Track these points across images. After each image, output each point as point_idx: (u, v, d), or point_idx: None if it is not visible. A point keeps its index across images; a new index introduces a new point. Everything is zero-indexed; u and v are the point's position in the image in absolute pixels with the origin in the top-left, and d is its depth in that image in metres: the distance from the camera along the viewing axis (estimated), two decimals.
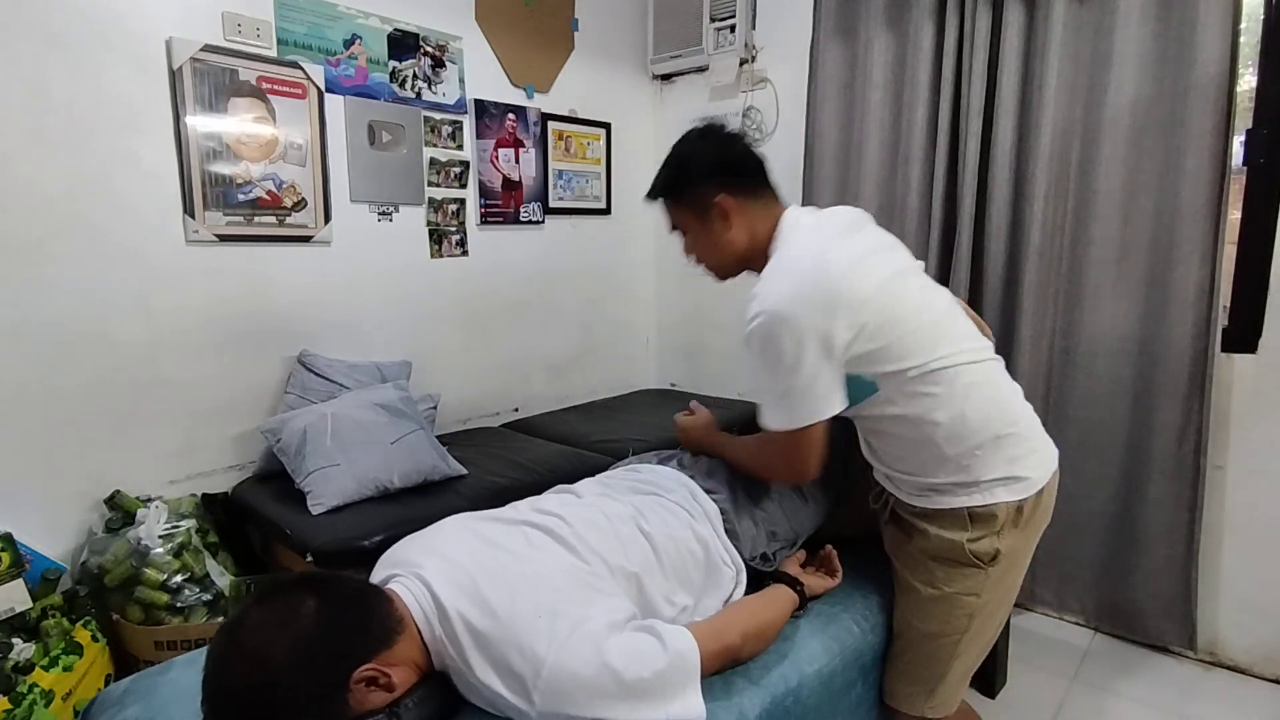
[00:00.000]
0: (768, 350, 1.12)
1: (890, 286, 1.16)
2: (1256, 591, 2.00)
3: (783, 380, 1.13)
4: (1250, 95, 1.92)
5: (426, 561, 1.03)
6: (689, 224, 1.34)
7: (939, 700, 1.26)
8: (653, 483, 1.34)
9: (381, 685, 0.89)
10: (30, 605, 1.60)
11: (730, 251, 1.30)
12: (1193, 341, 1.95)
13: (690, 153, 1.33)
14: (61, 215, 1.76)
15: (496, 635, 0.92)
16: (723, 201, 1.26)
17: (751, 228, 1.28)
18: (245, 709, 0.84)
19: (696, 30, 2.94)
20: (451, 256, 2.60)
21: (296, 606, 0.88)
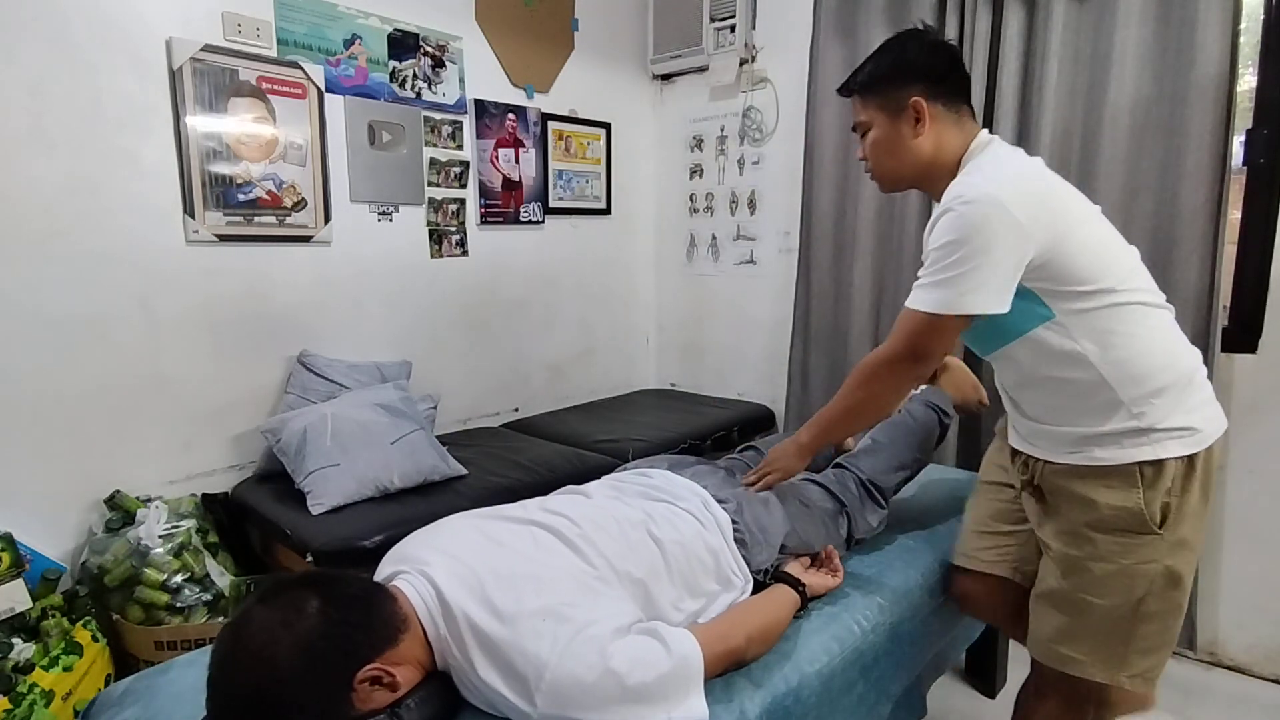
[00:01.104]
0: (960, 229, 1.09)
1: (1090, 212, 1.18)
2: (1256, 591, 2.00)
3: (962, 261, 1.08)
4: (1250, 95, 1.92)
5: (433, 559, 1.03)
6: (877, 122, 1.28)
7: (1136, 669, 1.16)
8: (665, 490, 1.35)
9: (386, 684, 0.89)
10: (30, 605, 1.60)
11: (910, 159, 1.26)
12: (1193, 341, 1.93)
13: (898, 50, 1.27)
14: (61, 215, 1.76)
15: (501, 637, 0.92)
16: (918, 104, 1.22)
17: (940, 140, 1.24)
18: (250, 710, 0.83)
19: (696, 30, 2.94)
20: (451, 256, 2.60)
21: (301, 605, 0.88)
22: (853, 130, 1.36)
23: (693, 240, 3.24)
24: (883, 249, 2.55)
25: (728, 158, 3.06)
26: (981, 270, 1.08)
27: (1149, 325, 1.15)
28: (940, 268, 1.12)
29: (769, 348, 2.99)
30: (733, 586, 1.24)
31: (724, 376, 3.20)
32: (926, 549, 1.52)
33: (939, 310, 1.12)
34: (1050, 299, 1.12)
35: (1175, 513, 1.11)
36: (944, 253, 1.11)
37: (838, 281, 2.66)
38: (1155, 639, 1.16)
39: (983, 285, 1.09)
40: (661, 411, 2.90)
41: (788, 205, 2.83)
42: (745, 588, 1.25)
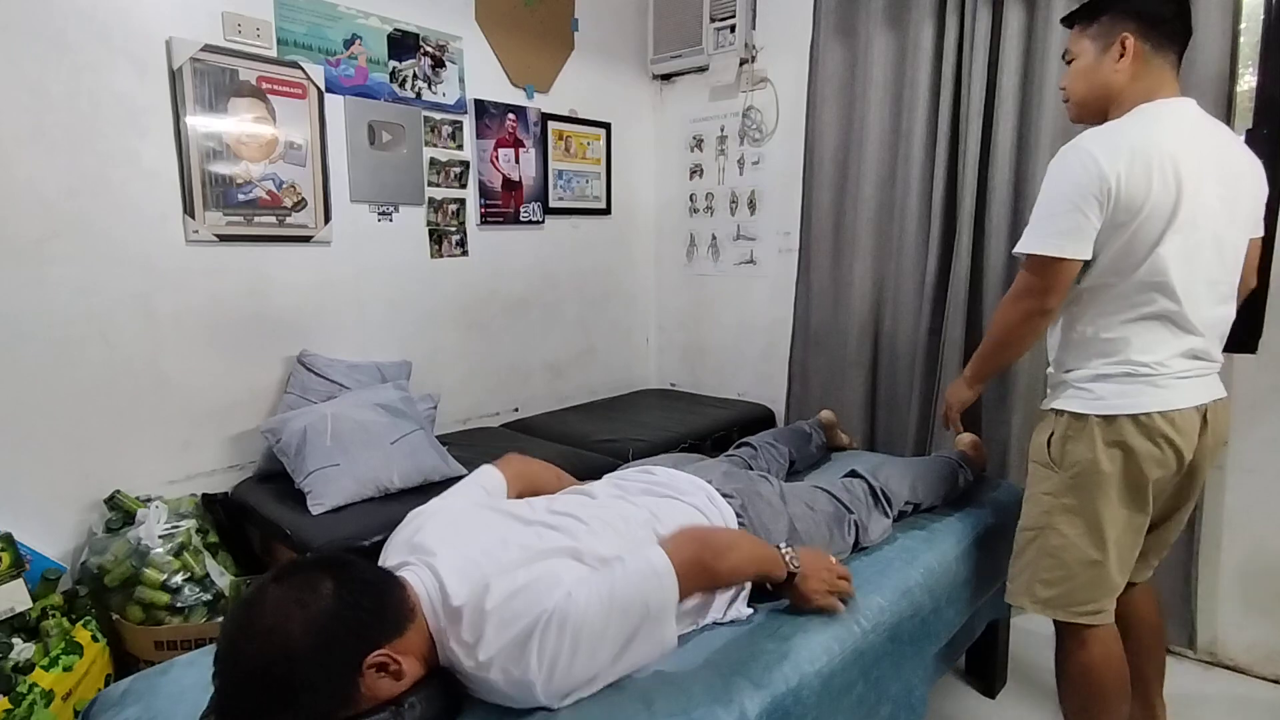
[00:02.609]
0: (1060, 173, 1.29)
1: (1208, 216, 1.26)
2: (1256, 591, 2.00)
3: (1055, 204, 1.27)
4: (1250, 95, 1.91)
5: (441, 551, 1.03)
6: (1084, 51, 1.37)
7: (1040, 596, 1.40)
8: (669, 485, 1.36)
9: (391, 673, 0.89)
10: (30, 605, 1.60)
11: (1104, 90, 1.35)
12: None
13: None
14: (61, 215, 1.76)
15: (501, 640, 0.92)
16: (1127, 40, 1.30)
17: (1136, 79, 1.31)
18: (259, 685, 0.83)
19: (696, 30, 2.94)
20: (451, 256, 2.60)
21: (315, 586, 0.88)
22: (1063, 58, 1.46)
23: (693, 240, 3.24)
24: (882, 249, 2.55)
25: (728, 158, 3.06)
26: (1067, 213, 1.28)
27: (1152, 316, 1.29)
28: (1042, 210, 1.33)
29: (769, 348, 2.99)
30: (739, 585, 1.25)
31: (724, 376, 3.20)
32: (926, 549, 1.52)
33: (1039, 250, 1.30)
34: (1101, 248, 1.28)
35: (1065, 458, 1.34)
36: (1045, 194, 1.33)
37: (837, 281, 2.66)
38: (1055, 575, 1.38)
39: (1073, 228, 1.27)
40: (661, 411, 2.90)
41: (788, 205, 2.83)
42: (744, 584, 1.25)
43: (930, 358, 2.44)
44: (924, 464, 1.75)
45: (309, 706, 0.85)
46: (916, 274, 2.43)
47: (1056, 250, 1.26)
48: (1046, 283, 1.29)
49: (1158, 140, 1.24)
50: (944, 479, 1.72)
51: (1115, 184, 1.22)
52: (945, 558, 1.51)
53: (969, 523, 1.66)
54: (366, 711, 0.88)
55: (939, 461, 1.78)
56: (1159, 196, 1.23)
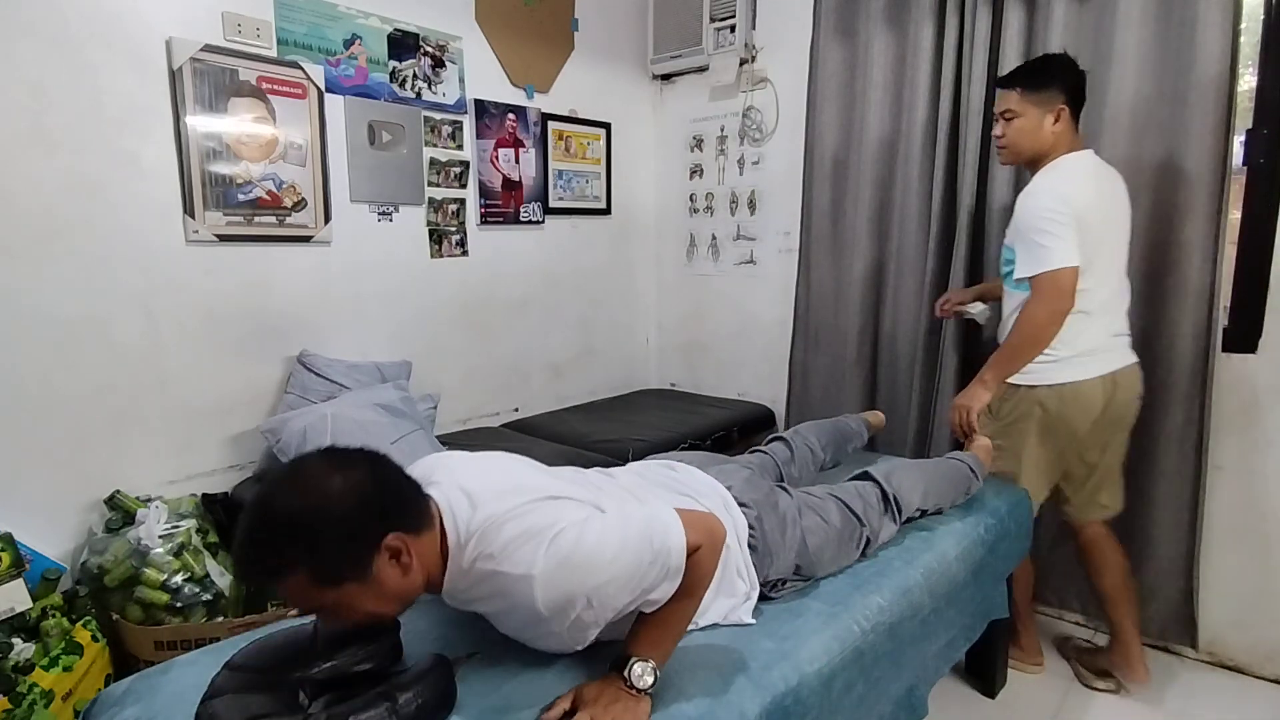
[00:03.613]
0: (1043, 208, 1.68)
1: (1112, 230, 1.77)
2: (1256, 591, 2.00)
3: (1045, 233, 1.66)
4: (1250, 95, 1.91)
5: (465, 476, 1.07)
6: (1027, 113, 1.77)
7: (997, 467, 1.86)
8: (687, 484, 1.37)
9: (401, 564, 0.94)
10: (30, 605, 1.60)
11: (1042, 145, 1.78)
12: (1194, 341, 1.95)
13: (1064, 67, 1.78)
14: (61, 215, 1.76)
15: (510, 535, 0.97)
16: (1062, 111, 1.75)
17: (1058, 138, 1.76)
18: (288, 529, 0.88)
19: (696, 30, 2.94)
20: (451, 256, 2.60)
21: (356, 463, 0.95)
22: (1000, 116, 1.83)
23: (693, 240, 3.24)
24: (882, 249, 2.55)
25: (728, 158, 3.06)
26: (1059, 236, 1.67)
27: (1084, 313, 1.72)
28: (1034, 242, 1.71)
29: (769, 348, 2.99)
30: (738, 587, 1.25)
31: (724, 376, 3.20)
32: (926, 549, 1.52)
33: (1045, 267, 1.68)
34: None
35: (1000, 411, 1.85)
36: (1033, 229, 1.71)
37: (837, 281, 2.66)
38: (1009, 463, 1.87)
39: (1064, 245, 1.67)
40: (661, 411, 2.90)
41: (788, 205, 2.83)
42: (750, 594, 1.26)
43: (930, 358, 2.44)
44: (937, 469, 1.73)
45: (325, 560, 0.89)
46: (916, 274, 2.43)
47: (1070, 261, 1.65)
48: (1068, 288, 1.66)
49: (1086, 180, 1.73)
50: (956, 485, 1.71)
51: (1076, 210, 1.66)
52: (945, 558, 1.51)
53: (969, 523, 1.66)
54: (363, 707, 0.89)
55: (952, 467, 1.75)
56: (1093, 220, 1.69)
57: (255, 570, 0.94)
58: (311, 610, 0.97)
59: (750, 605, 1.25)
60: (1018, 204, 1.77)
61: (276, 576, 0.91)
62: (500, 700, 1.00)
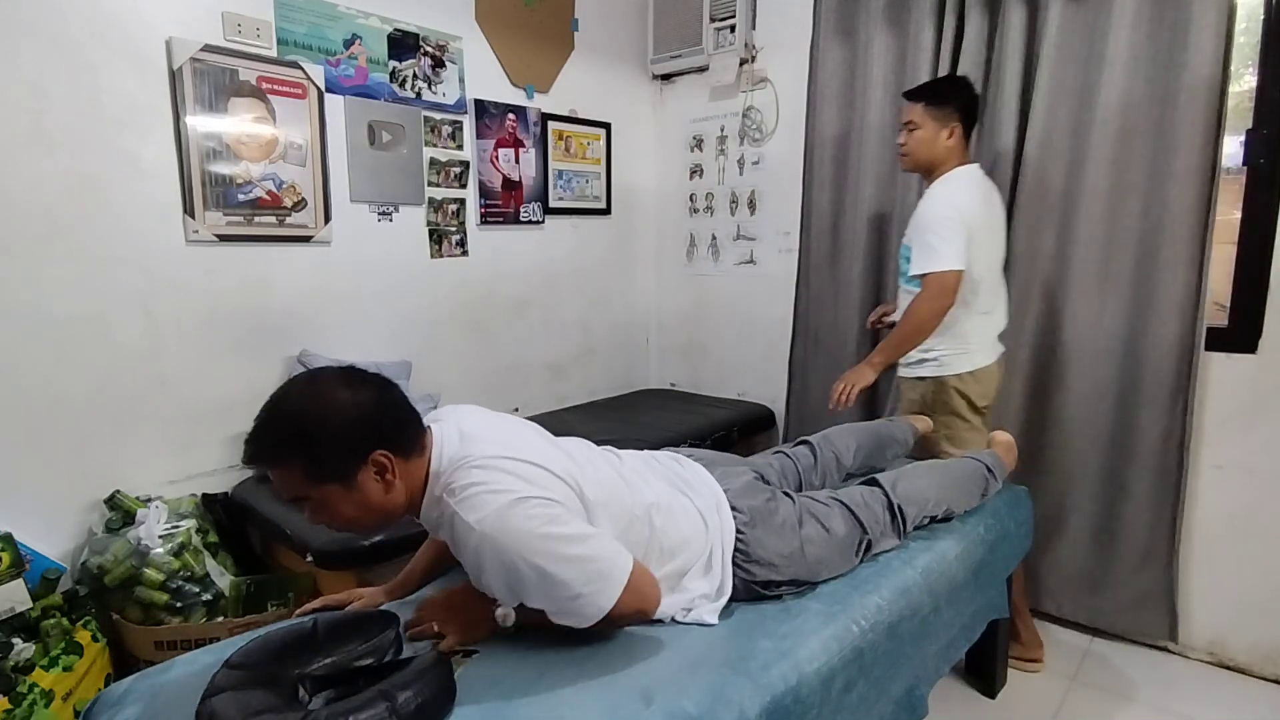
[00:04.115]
0: (939, 213, 1.87)
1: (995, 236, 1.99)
2: (1257, 591, 2.00)
3: (938, 236, 1.84)
4: (1250, 95, 1.91)
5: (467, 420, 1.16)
6: (926, 125, 1.95)
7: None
8: (687, 481, 1.38)
9: (384, 480, 1.05)
10: (30, 605, 1.60)
11: (937, 156, 1.96)
12: (1179, 341, 1.96)
13: (963, 88, 2.00)
14: (61, 215, 1.76)
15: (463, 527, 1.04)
16: (956, 128, 1.94)
17: (951, 151, 1.95)
18: (291, 425, 1.02)
19: (696, 30, 2.94)
20: (451, 256, 2.60)
21: (367, 384, 1.08)
22: (903, 126, 1.99)
23: (693, 240, 3.24)
24: (881, 249, 2.55)
25: (728, 158, 3.06)
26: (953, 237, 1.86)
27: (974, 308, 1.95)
28: (933, 237, 1.87)
29: (769, 348, 2.99)
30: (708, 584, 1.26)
31: (724, 376, 3.20)
32: (925, 549, 1.52)
33: (936, 267, 1.86)
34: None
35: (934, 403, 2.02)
36: (931, 228, 1.88)
37: (837, 281, 2.67)
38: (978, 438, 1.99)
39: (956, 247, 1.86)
40: (661, 411, 2.90)
41: (788, 205, 2.83)
42: (715, 596, 1.26)
43: None
44: (950, 473, 1.69)
45: (317, 459, 1.01)
46: None
47: (955, 265, 1.84)
48: (951, 287, 1.85)
49: (975, 190, 1.93)
50: (968, 489, 1.68)
51: (967, 219, 1.85)
52: (944, 558, 1.51)
53: (969, 523, 1.66)
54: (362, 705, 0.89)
55: (968, 469, 1.72)
56: (980, 227, 1.88)
57: (257, 455, 1.04)
58: (297, 500, 1.06)
59: (716, 607, 1.25)
60: (919, 208, 1.93)
61: (274, 463, 1.03)
62: (499, 699, 1.00)
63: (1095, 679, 2.02)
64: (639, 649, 1.14)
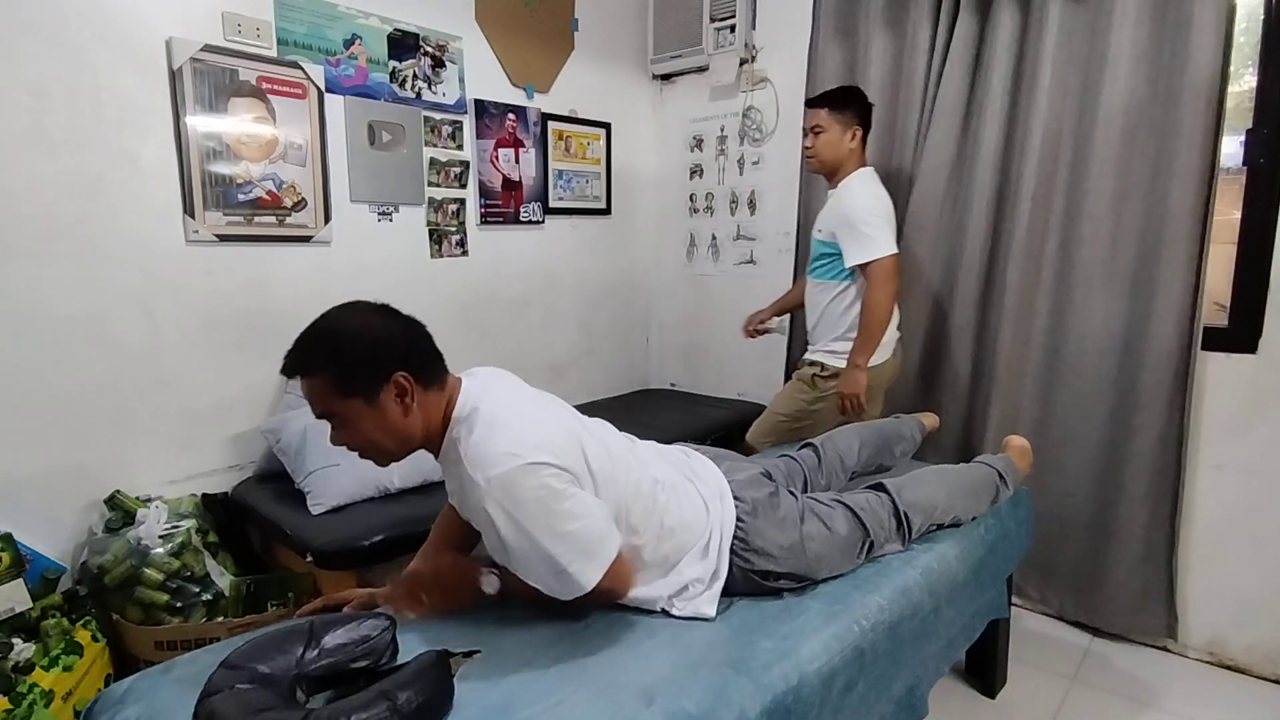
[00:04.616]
0: (868, 205, 2.05)
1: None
2: (1257, 591, 2.00)
3: (872, 225, 2.02)
4: (1250, 95, 1.91)
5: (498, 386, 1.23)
6: (831, 129, 2.12)
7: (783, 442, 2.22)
8: (694, 469, 1.41)
9: (404, 403, 1.12)
10: (30, 605, 1.61)
11: (842, 157, 2.14)
12: (1177, 341, 1.96)
13: (860, 97, 2.17)
14: (61, 215, 1.76)
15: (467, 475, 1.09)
16: (857, 131, 2.13)
17: (852, 154, 2.15)
18: (324, 336, 1.13)
19: (696, 30, 2.94)
20: (451, 256, 2.60)
21: (399, 318, 1.19)
22: (809, 130, 2.17)
23: (693, 240, 3.24)
24: None
25: (728, 158, 3.06)
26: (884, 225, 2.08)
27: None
28: (871, 227, 2.05)
29: (769, 348, 2.98)
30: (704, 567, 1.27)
31: (724, 376, 3.20)
32: (926, 549, 1.52)
33: (887, 252, 2.04)
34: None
35: (817, 387, 2.20)
36: (862, 218, 2.06)
37: None
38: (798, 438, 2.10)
39: (889, 234, 2.08)
40: (661, 411, 2.90)
41: (788, 205, 2.83)
42: (717, 574, 1.28)
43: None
44: (959, 480, 1.66)
45: (344, 372, 1.10)
46: None
47: (893, 249, 2.03)
48: (895, 271, 2.04)
49: (882, 188, 2.14)
50: (978, 496, 1.66)
51: (886, 211, 2.09)
52: (945, 558, 1.51)
53: (969, 523, 1.66)
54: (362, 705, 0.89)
55: (978, 476, 1.69)
56: (891, 221, 2.10)
57: (294, 365, 1.13)
58: (325, 414, 1.14)
59: (713, 594, 1.27)
60: (841, 203, 2.09)
61: (307, 373, 1.11)
62: (500, 699, 1.00)
63: (1095, 679, 2.02)
64: (639, 649, 1.14)
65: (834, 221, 2.12)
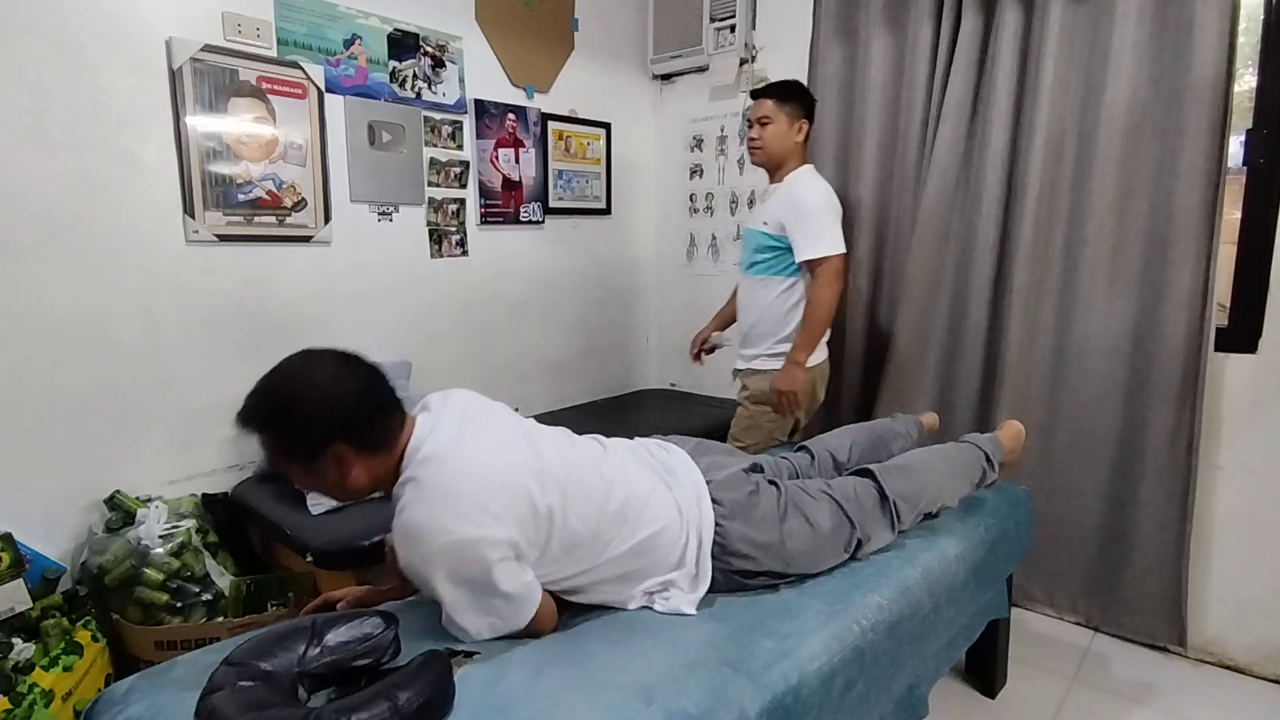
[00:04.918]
0: (821, 201, 2.05)
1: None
2: (1257, 591, 2.00)
3: (824, 222, 2.03)
4: (1250, 95, 1.91)
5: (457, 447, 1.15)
6: (779, 121, 2.11)
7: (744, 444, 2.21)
8: (670, 469, 1.38)
9: (340, 470, 1.11)
10: (30, 605, 1.60)
11: (788, 150, 2.13)
12: (1187, 341, 1.96)
13: (805, 90, 2.16)
14: (61, 215, 1.76)
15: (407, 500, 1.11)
16: (804, 124, 2.14)
17: (798, 148, 2.15)
18: (267, 401, 1.11)
19: (696, 30, 2.94)
20: (451, 256, 2.60)
21: (352, 376, 1.14)
22: (756, 121, 2.14)
23: (693, 240, 3.24)
24: (879, 248, 2.56)
25: (728, 158, 3.06)
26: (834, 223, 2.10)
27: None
28: (822, 226, 2.05)
29: None
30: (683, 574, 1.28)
31: (724, 376, 3.18)
32: (926, 549, 1.52)
33: (835, 250, 2.05)
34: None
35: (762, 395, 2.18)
36: (812, 215, 2.05)
37: None
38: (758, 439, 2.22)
39: (838, 232, 2.09)
40: (661, 411, 2.90)
41: None
42: (699, 575, 1.29)
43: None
44: (948, 463, 1.65)
45: (283, 439, 1.11)
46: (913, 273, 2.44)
47: (842, 249, 2.04)
48: (842, 270, 2.04)
49: (830, 186, 2.13)
50: (966, 476, 1.65)
51: (838, 209, 2.09)
52: (945, 557, 1.51)
53: (969, 523, 1.66)
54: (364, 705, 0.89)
55: (965, 456, 1.68)
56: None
57: (241, 419, 1.12)
58: (276, 469, 1.17)
59: (693, 598, 1.27)
60: (794, 195, 2.06)
61: (252, 430, 1.12)
62: (500, 699, 1.00)
63: (1095, 679, 2.02)
64: (638, 649, 1.14)
65: (784, 213, 2.07)
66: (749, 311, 2.22)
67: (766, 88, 2.16)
